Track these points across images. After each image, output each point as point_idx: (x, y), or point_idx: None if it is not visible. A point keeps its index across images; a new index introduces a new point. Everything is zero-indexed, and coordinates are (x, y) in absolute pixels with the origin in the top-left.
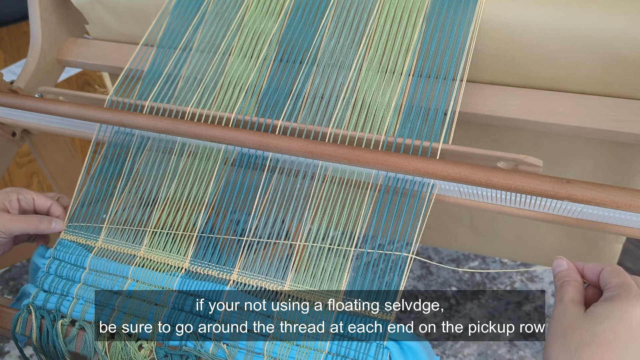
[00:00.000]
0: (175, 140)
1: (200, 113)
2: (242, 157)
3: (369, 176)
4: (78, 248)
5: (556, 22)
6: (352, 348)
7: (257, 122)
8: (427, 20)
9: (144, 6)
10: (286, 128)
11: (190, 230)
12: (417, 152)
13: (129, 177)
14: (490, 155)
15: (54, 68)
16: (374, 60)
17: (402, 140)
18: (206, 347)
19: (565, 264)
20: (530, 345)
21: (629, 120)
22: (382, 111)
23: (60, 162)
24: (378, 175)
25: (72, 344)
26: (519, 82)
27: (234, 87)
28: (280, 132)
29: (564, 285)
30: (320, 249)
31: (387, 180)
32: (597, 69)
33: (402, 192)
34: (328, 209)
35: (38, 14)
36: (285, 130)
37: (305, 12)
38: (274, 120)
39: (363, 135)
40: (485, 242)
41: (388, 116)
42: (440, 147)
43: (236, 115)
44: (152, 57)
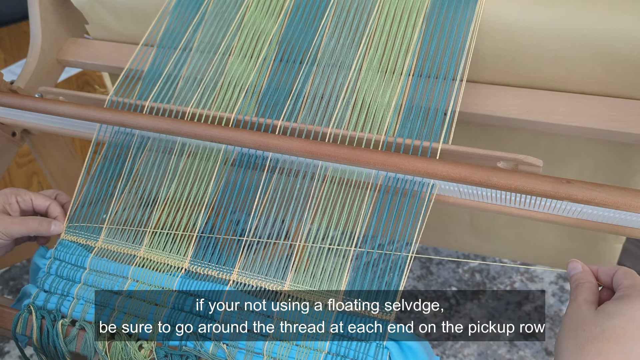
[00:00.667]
0: (175, 141)
1: (200, 113)
2: (242, 157)
3: (369, 176)
4: (78, 248)
5: (556, 22)
6: (351, 348)
7: (257, 122)
8: (427, 20)
9: (144, 6)
10: (286, 128)
11: (190, 230)
12: (417, 152)
13: (129, 178)
14: (490, 155)
15: (54, 68)
16: (374, 60)
17: (402, 140)
18: (206, 347)
19: (580, 266)
20: (530, 345)
21: (628, 120)
22: (382, 111)
23: (60, 162)
24: (378, 176)
25: (72, 344)
26: (519, 82)
27: (234, 88)
28: (280, 132)
29: (578, 287)
30: (320, 248)
31: (387, 180)
32: (597, 69)
33: (402, 192)
34: (328, 209)
35: (38, 14)
36: (285, 130)
37: (305, 12)
38: (274, 120)
39: (363, 135)
40: (485, 242)
41: (388, 116)
42: (440, 147)
43: (236, 115)
44: (152, 57)
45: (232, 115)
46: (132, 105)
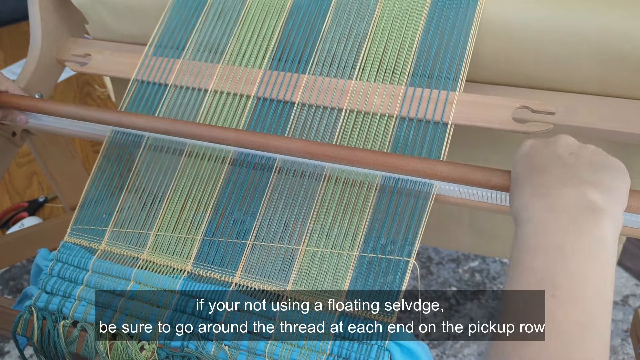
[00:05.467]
0: (180, 141)
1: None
2: (245, 157)
3: (372, 176)
4: (81, 250)
5: (556, 22)
6: (353, 350)
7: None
8: (427, 20)
9: (144, 6)
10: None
11: (193, 233)
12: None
13: (133, 181)
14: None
15: (54, 68)
16: (372, 61)
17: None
18: (208, 348)
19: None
20: None
21: (628, 120)
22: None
23: (60, 163)
24: (380, 175)
25: (73, 345)
26: (519, 82)
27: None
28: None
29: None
30: (323, 248)
31: (389, 180)
32: (597, 68)
33: (404, 191)
34: (330, 209)
35: (38, 14)
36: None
37: (305, 14)
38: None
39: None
40: (485, 242)
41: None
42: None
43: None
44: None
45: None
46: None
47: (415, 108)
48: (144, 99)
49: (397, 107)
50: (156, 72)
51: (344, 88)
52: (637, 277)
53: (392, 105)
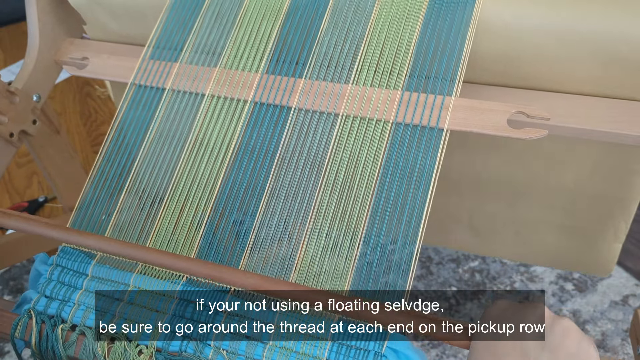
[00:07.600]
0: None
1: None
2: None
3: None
4: (81, 255)
5: (555, 23)
6: (350, 356)
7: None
8: (425, 22)
9: (142, 7)
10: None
11: (192, 236)
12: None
13: (131, 185)
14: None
15: (52, 69)
16: (370, 63)
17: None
18: (206, 352)
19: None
20: None
21: (627, 122)
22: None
23: (59, 163)
24: (376, 175)
25: (71, 349)
26: (517, 82)
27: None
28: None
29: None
30: (323, 248)
31: (389, 181)
32: (596, 69)
33: (404, 191)
34: (330, 208)
35: (35, 15)
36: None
37: (302, 16)
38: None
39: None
40: (485, 242)
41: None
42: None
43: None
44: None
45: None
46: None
47: (411, 113)
48: (141, 104)
49: (394, 112)
50: (153, 76)
51: (340, 92)
52: (637, 277)
53: (389, 111)
